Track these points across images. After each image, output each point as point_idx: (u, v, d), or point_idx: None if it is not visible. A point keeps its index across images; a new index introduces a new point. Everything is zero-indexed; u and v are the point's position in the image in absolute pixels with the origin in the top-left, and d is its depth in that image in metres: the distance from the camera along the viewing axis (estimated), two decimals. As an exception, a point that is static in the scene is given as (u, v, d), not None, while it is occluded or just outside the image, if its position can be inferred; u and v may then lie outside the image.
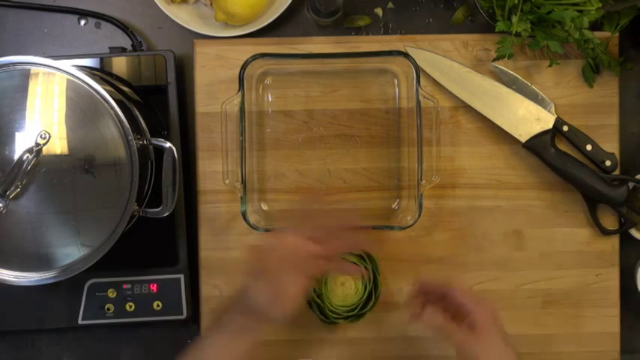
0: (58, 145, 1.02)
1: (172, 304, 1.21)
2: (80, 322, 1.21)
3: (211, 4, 1.20)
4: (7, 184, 1.01)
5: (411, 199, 1.20)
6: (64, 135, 1.02)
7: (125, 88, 1.16)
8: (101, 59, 1.20)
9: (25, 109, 1.02)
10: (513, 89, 1.20)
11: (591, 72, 1.20)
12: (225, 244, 1.21)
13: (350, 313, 1.17)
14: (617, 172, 1.21)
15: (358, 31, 1.25)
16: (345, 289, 1.16)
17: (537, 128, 1.19)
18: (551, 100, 1.21)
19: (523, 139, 1.19)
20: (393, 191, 1.22)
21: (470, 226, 1.22)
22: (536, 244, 1.23)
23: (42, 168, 1.02)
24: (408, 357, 1.23)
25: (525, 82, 1.21)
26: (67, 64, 1.04)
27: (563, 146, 1.21)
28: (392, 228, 1.18)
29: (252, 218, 1.16)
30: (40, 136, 1.01)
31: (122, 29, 1.23)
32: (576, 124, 1.21)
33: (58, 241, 1.05)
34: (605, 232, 1.21)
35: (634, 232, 1.22)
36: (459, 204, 1.22)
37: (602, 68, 1.21)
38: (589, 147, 1.20)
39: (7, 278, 1.05)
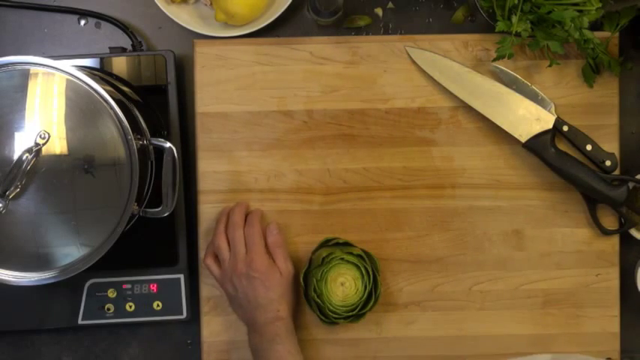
0: (58, 145, 1.02)
1: (172, 304, 1.21)
2: (80, 322, 1.21)
3: (211, 4, 1.20)
4: (6, 184, 1.01)
5: (411, 199, 1.21)
6: (64, 135, 1.02)
7: (125, 88, 1.16)
8: (101, 59, 1.20)
9: (24, 109, 1.02)
10: (513, 89, 1.20)
11: (591, 72, 1.20)
12: (225, 244, 1.21)
13: (350, 313, 1.17)
14: (617, 172, 1.21)
15: (358, 31, 1.25)
16: (345, 289, 1.16)
17: (537, 128, 1.19)
18: (551, 100, 1.21)
19: (523, 139, 1.19)
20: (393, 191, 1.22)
21: (470, 226, 1.22)
22: (536, 244, 1.23)
23: (41, 168, 1.02)
24: (408, 357, 1.23)
25: (525, 82, 1.21)
26: (66, 64, 1.03)
27: (563, 146, 1.21)
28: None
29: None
30: (40, 136, 1.01)
31: (122, 29, 1.23)
32: (576, 124, 1.21)
33: (57, 241, 1.05)
34: (605, 232, 1.21)
35: (634, 232, 1.22)
36: (459, 204, 1.22)
37: (602, 68, 1.21)
38: (589, 147, 1.20)
39: (7, 278, 1.05)
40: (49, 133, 1.02)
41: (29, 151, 1.01)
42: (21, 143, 1.01)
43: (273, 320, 1.13)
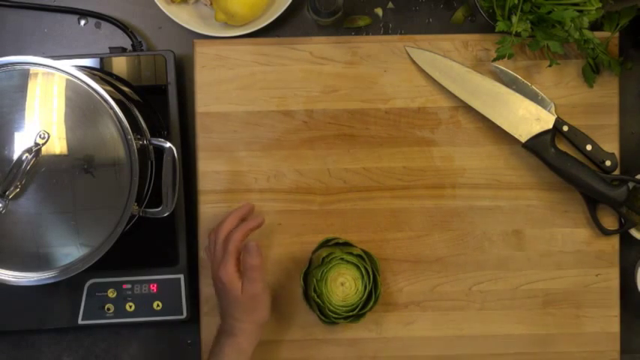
0: (58, 145, 1.02)
1: (172, 304, 1.21)
2: (80, 322, 1.21)
3: (211, 4, 1.21)
4: (6, 184, 1.01)
5: (411, 199, 1.21)
6: (64, 135, 1.02)
7: (125, 88, 1.16)
8: (101, 59, 1.20)
9: (24, 109, 1.02)
10: (513, 89, 1.20)
11: (591, 72, 1.20)
12: (225, 244, 1.21)
13: (350, 313, 1.17)
14: (617, 172, 1.21)
15: (358, 31, 1.25)
16: (345, 289, 1.16)
17: (537, 128, 1.19)
18: (551, 100, 1.21)
19: (523, 139, 1.19)
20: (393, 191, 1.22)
21: (470, 226, 1.23)
22: (536, 244, 1.23)
23: (41, 168, 1.02)
24: (408, 357, 1.23)
25: (525, 82, 1.21)
26: (66, 64, 1.03)
27: (563, 146, 1.21)
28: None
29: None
30: (40, 136, 1.01)
31: (122, 29, 1.23)
32: (576, 124, 1.21)
33: (57, 241, 1.05)
34: (605, 232, 1.21)
35: (634, 232, 1.22)
36: (459, 204, 1.22)
37: (602, 68, 1.21)
38: (589, 147, 1.20)
39: (7, 278, 1.05)
40: (48, 133, 1.02)
41: (29, 151, 1.01)
42: (21, 143, 1.02)
43: (227, 334, 1.11)
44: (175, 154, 1.08)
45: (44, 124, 1.02)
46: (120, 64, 1.20)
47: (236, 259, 1.10)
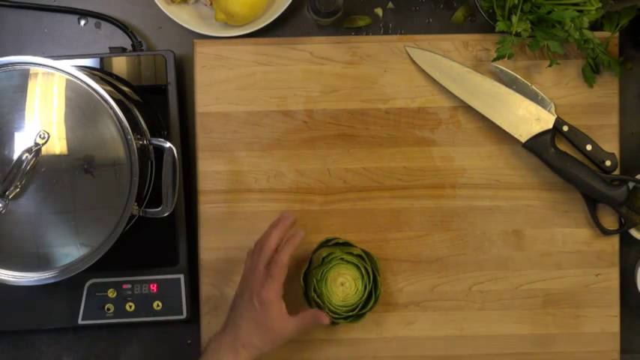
0: (58, 145, 1.02)
1: (172, 304, 1.21)
2: (80, 322, 1.21)
3: (211, 4, 1.21)
4: (6, 184, 1.01)
5: (411, 199, 1.21)
6: (64, 135, 1.02)
7: (125, 88, 1.16)
8: (101, 59, 1.20)
9: (24, 109, 1.02)
10: (513, 89, 1.20)
11: (591, 72, 1.20)
12: (225, 244, 1.21)
13: (350, 313, 1.17)
14: (617, 172, 1.21)
15: (358, 31, 1.25)
16: (345, 290, 1.16)
17: (537, 128, 1.19)
18: (551, 100, 1.21)
19: (523, 139, 1.19)
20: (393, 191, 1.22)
21: (470, 226, 1.22)
22: (536, 244, 1.23)
23: (41, 168, 1.02)
24: (408, 357, 1.23)
25: (525, 82, 1.21)
26: (66, 64, 1.03)
27: (563, 146, 1.21)
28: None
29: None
30: (40, 136, 1.01)
31: (122, 29, 1.23)
32: (576, 124, 1.21)
33: (57, 241, 1.05)
34: (605, 232, 1.21)
35: (634, 232, 1.22)
36: (459, 204, 1.22)
37: (602, 68, 1.21)
38: (589, 147, 1.20)
39: (7, 278, 1.05)
40: (48, 133, 1.02)
41: (29, 151, 1.01)
42: (21, 143, 1.02)
43: (231, 349, 1.08)
44: (175, 154, 1.08)
45: (44, 124, 1.02)
46: (120, 64, 1.20)
47: (281, 283, 1.09)
